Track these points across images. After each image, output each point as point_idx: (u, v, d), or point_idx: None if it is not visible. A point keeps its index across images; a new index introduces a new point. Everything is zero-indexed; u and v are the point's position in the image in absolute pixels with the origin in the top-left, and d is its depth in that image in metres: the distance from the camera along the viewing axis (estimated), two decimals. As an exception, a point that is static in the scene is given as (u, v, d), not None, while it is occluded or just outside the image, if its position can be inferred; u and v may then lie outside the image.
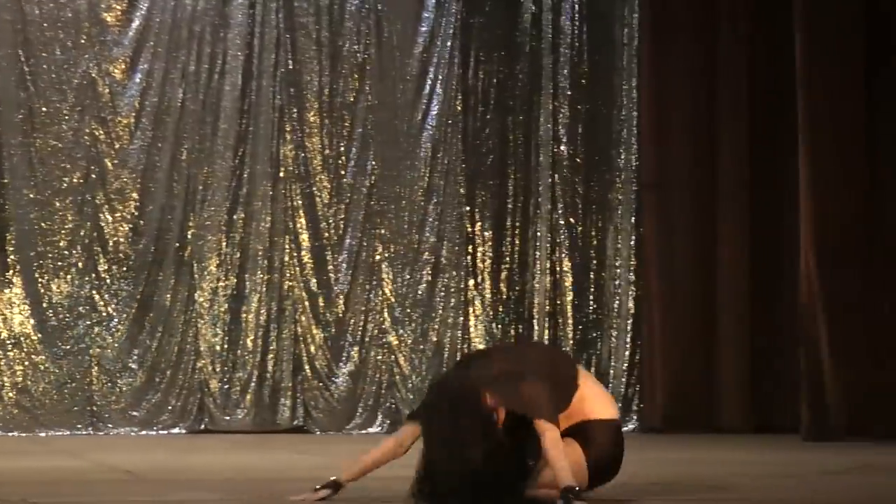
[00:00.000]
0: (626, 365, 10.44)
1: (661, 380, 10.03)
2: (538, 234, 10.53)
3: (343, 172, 10.32)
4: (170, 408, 9.89)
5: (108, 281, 9.93)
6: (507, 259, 10.51)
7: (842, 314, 8.91)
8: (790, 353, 9.53)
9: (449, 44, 10.52)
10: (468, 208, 10.48)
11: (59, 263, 9.86)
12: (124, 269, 9.95)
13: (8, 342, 9.76)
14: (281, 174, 10.22)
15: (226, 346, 10.02)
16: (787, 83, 9.52)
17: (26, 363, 9.75)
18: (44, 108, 9.89)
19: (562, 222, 10.55)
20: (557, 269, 10.52)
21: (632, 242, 10.52)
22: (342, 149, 10.35)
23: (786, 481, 6.13)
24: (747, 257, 10.03)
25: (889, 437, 8.56)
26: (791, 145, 9.44)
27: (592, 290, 10.54)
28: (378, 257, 10.31)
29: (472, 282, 10.43)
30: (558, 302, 10.49)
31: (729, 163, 10.08)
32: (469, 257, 10.45)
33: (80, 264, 9.89)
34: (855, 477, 6.41)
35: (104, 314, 9.89)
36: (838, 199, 9.07)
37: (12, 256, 9.80)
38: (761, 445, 8.67)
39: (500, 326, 10.44)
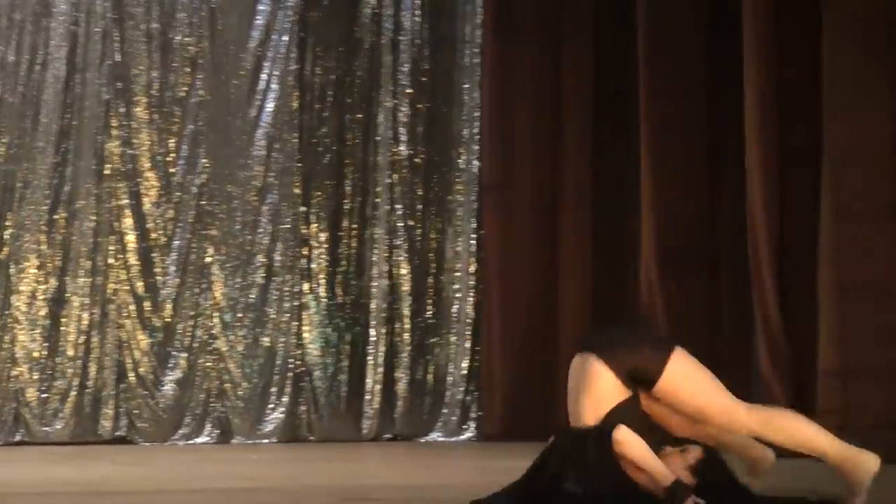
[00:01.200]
0: (464, 371, 10.47)
1: (501, 387, 10.07)
2: (376, 236, 10.50)
3: (172, 171, 10.18)
4: (-18, 418, 9.66)
5: (-85, 282, 9.67)
6: (344, 262, 10.47)
7: (683, 319, 9.03)
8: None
9: (285, 38, 10.45)
10: (303, 209, 10.41)
11: None
12: (-65, 270, 9.69)
13: None
14: (106, 172, 10.04)
15: (44, 352, 9.79)
16: (631, 84, 9.64)
17: None
18: None
19: (400, 224, 10.54)
20: (395, 272, 10.51)
21: (472, 246, 10.55)
22: (172, 146, 10.21)
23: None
24: (589, 262, 10.12)
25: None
26: (634, 147, 9.55)
27: (431, 294, 10.56)
28: (208, 259, 10.19)
29: (306, 285, 10.37)
30: (396, 306, 10.48)
31: (572, 164, 10.17)
32: (304, 260, 10.38)
33: None
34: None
35: (-88, 319, 9.62)
36: (680, 203, 9.21)
37: None
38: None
39: (335, 332, 10.39)
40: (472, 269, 10.52)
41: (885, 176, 7.66)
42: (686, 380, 4.60)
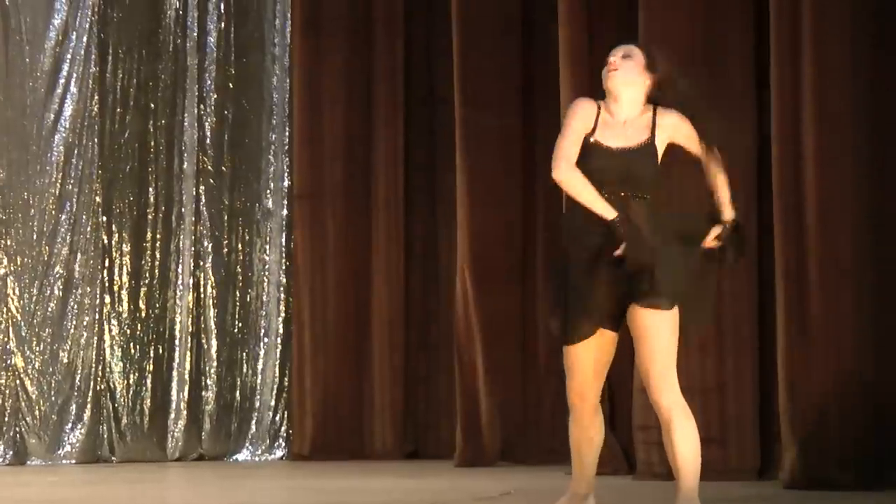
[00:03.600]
0: (274, 388, 10.39)
1: (311, 404, 10.00)
2: (181, 247, 10.36)
3: (-37, 176, 9.95)
4: None
5: None
6: (147, 274, 10.30)
7: (498, 335, 9.10)
8: (446, 376, 9.67)
9: (85, 39, 10.25)
10: (105, 218, 10.22)
11: None
12: None
13: None
14: None
15: None
16: (446, 92, 9.68)
17: None
18: None
19: (206, 235, 10.41)
20: (201, 284, 10.38)
21: (282, 258, 10.48)
22: (-36, 150, 9.97)
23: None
24: (402, 275, 10.12)
25: (540, 461, 8.81)
26: (448, 157, 9.59)
27: (238, 307, 10.45)
28: (3, 271, 9.95)
29: (108, 298, 10.18)
30: (201, 320, 10.35)
31: (384, 172, 10.16)
32: (105, 271, 10.19)
33: None
34: (508, 501, 6.55)
35: None
36: (495, 211, 9.27)
37: None
38: (414, 472, 8.78)
39: (138, 346, 10.22)
40: (282, 281, 10.45)
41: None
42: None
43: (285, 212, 10.50)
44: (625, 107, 5.06)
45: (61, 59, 10.21)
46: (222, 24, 10.54)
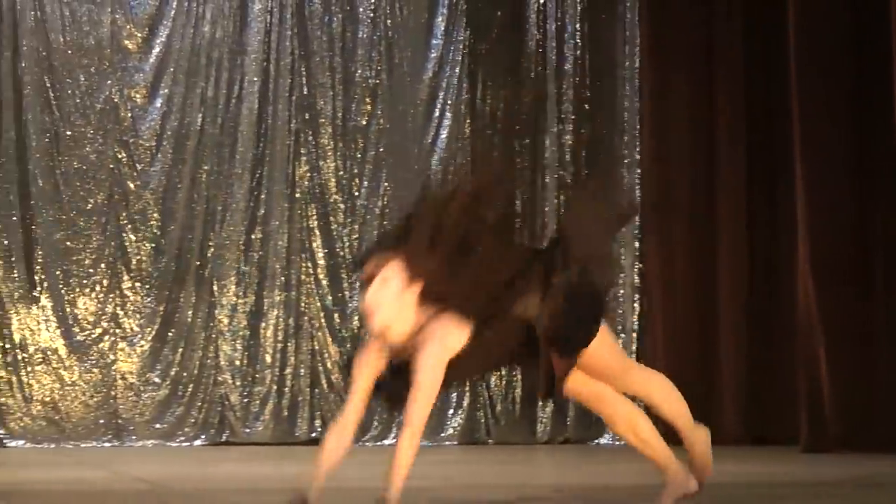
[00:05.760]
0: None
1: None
2: (545, 252, 10.50)
3: (357, 193, 10.33)
4: (192, 420, 9.89)
5: (131, 298, 9.95)
6: (516, 278, 10.47)
7: (838, 327, 8.87)
8: (789, 368, 9.47)
9: (457, 70, 10.53)
10: (480, 228, 10.44)
11: (85, 281, 9.88)
12: (147, 286, 9.96)
13: (36, 357, 9.77)
14: (297, 195, 10.23)
15: (245, 360, 10.00)
16: (783, 105, 9.44)
17: (53, 377, 9.77)
18: (68, 132, 9.93)
19: (568, 241, 10.50)
20: (562, 286, 10.48)
21: (634, 261, 10.47)
22: (356, 171, 10.36)
23: (783, 490, 6.10)
24: (745, 276, 9.95)
25: (883, 449, 8.54)
26: (788, 167, 9.40)
27: (598, 303, 10.51)
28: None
29: (480, 299, 10.39)
30: (564, 317, 10.44)
31: (726, 185, 10.01)
32: (478, 277, 10.41)
33: (104, 282, 9.91)
34: (852, 489, 6.40)
35: (128, 330, 9.90)
36: (833, 219, 9.03)
37: (40, 274, 9.82)
38: (761, 457, 8.63)
39: (508, 342, 10.41)
40: (636, 281, 10.44)
41: None
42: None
43: (637, 219, 10.50)
44: None
45: (437, 88, 10.50)
46: (577, 52, 10.64)
